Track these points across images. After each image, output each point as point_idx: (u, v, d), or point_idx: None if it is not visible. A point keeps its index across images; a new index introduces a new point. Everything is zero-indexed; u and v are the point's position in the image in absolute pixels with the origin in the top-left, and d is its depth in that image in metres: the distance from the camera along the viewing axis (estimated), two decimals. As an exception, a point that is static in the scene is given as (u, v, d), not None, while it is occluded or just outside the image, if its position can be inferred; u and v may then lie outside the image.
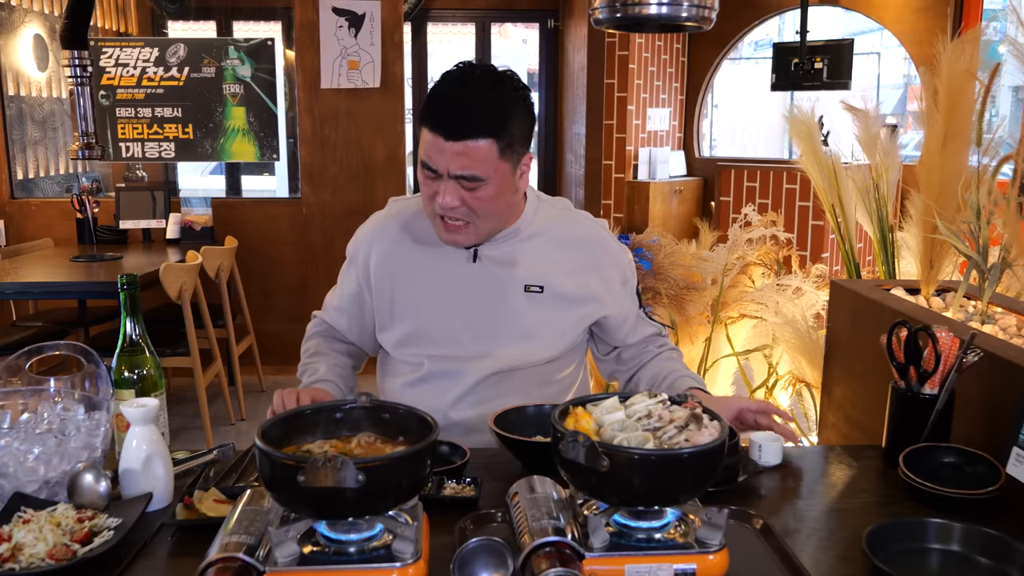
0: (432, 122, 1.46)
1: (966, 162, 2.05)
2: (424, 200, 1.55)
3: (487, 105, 1.45)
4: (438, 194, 1.49)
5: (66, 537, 1.13)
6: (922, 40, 5.62)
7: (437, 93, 1.48)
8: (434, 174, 1.48)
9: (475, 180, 1.47)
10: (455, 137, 1.44)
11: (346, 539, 1.02)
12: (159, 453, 1.29)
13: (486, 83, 1.47)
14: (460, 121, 1.44)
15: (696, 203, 6.86)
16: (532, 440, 1.41)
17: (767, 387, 2.90)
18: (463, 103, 1.45)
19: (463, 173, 1.46)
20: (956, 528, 1.16)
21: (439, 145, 1.45)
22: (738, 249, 2.98)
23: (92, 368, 1.43)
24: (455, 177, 1.47)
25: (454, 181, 1.47)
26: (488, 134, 1.45)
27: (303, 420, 1.14)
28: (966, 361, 1.42)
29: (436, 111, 1.46)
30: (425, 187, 1.52)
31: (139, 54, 4.92)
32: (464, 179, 1.47)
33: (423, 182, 1.53)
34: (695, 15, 2.77)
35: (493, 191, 1.49)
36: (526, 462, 1.42)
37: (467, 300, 1.62)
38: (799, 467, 1.49)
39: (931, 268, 2.09)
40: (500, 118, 1.46)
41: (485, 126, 1.44)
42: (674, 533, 1.07)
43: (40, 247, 4.62)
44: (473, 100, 1.45)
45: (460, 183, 1.47)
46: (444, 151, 1.45)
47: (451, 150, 1.45)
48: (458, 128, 1.44)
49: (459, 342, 1.61)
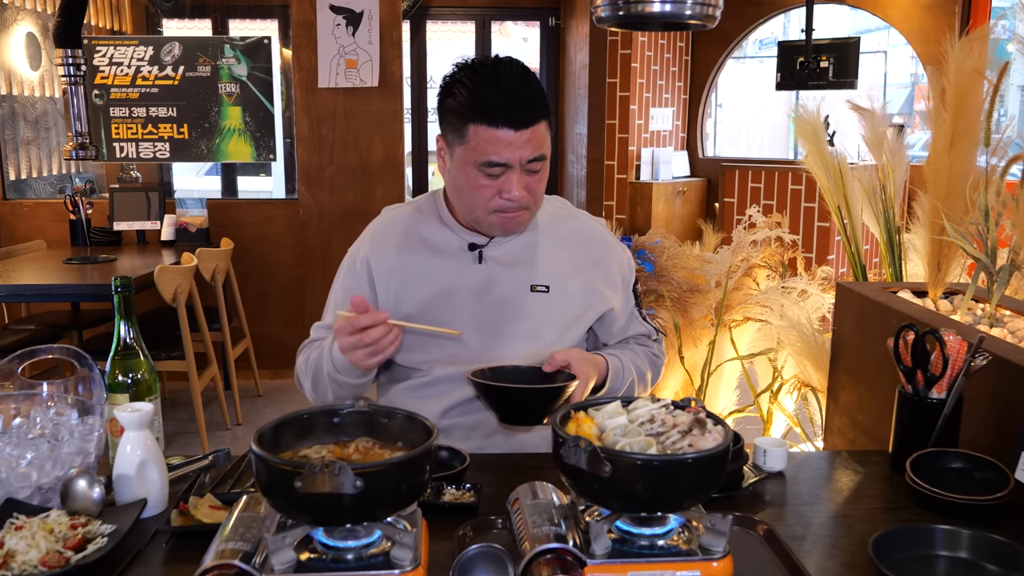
0: (494, 119, 1.46)
1: (974, 162, 2.05)
2: (480, 201, 1.54)
3: (535, 87, 1.51)
4: (502, 190, 1.51)
5: (59, 544, 1.13)
6: (929, 38, 5.62)
7: (482, 87, 1.47)
8: (502, 168, 1.49)
9: (541, 160, 1.51)
10: (525, 125, 1.47)
11: (344, 546, 1.02)
12: (154, 458, 1.29)
13: (519, 68, 1.52)
14: (525, 109, 1.47)
15: (700, 204, 6.86)
16: (510, 386, 1.42)
17: (772, 391, 2.90)
18: (518, 91, 1.48)
19: (536, 156, 1.49)
20: (964, 535, 1.16)
21: (508, 138, 1.47)
22: (742, 251, 2.98)
23: (85, 372, 1.43)
24: (527, 163, 1.49)
25: (521, 170, 1.50)
26: (545, 114, 1.51)
27: (300, 425, 1.14)
28: (974, 365, 1.42)
29: (494, 106, 1.46)
30: (484, 189, 1.52)
31: (133, 53, 4.93)
32: (535, 161, 1.50)
33: (480, 185, 1.51)
34: (699, 13, 2.77)
35: (547, 170, 1.56)
36: (502, 412, 1.44)
37: (474, 303, 1.62)
38: (804, 472, 1.49)
39: (938, 270, 2.09)
40: (544, 97, 1.53)
41: (542, 106, 1.50)
42: (677, 540, 1.07)
43: (33, 249, 4.63)
44: (523, 86, 1.49)
45: (527, 170, 1.50)
46: (515, 142, 1.47)
47: (522, 139, 1.47)
48: (526, 116, 1.47)
49: (466, 345, 1.62)
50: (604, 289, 1.68)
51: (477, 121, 1.46)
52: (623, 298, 1.73)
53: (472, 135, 1.48)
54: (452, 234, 1.65)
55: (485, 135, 1.46)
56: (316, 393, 1.65)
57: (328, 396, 1.62)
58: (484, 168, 1.49)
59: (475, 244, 1.63)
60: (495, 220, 1.56)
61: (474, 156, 1.49)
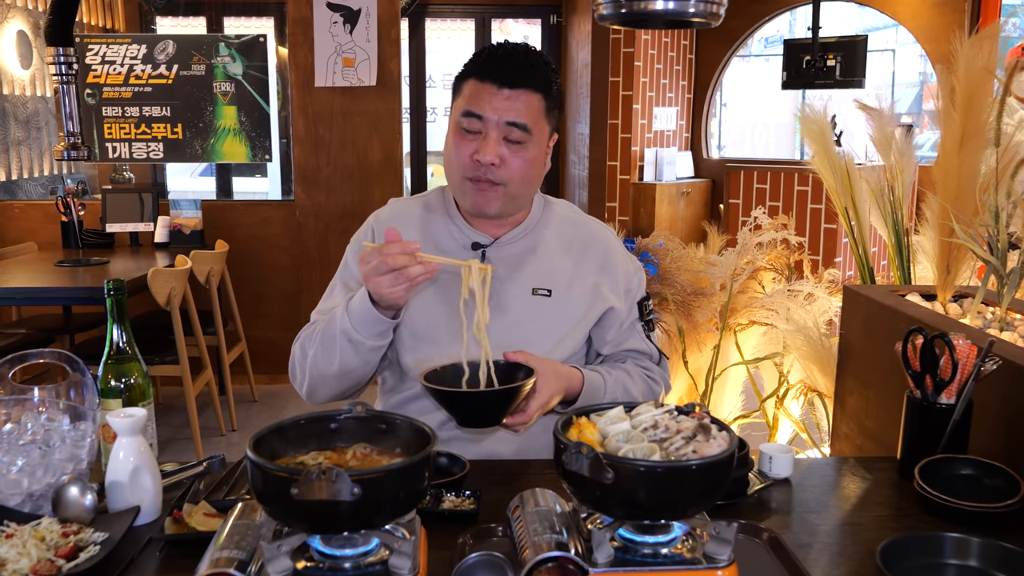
0: (483, 72, 1.53)
1: (984, 163, 2.05)
2: (457, 163, 1.56)
3: (538, 61, 1.55)
4: (477, 152, 1.52)
5: (50, 552, 1.13)
6: (939, 37, 5.63)
7: (485, 51, 1.56)
8: (480, 122, 1.51)
9: (523, 130, 1.52)
10: (510, 84, 1.51)
11: (341, 554, 1.02)
12: (147, 465, 1.29)
13: (525, 45, 1.57)
14: (515, 70, 1.52)
15: (704, 205, 6.87)
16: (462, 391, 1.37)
17: (777, 396, 2.90)
18: (516, 56, 1.54)
19: (515, 120, 1.51)
20: (974, 543, 1.16)
21: (490, 92, 1.51)
22: (747, 253, 2.99)
23: (77, 377, 1.43)
24: (505, 126, 1.51)
25: (498, 134, 1.52)
26: (539, 87, 1.53)
27: (296, 431, 1.14)
28: (984, 369, 1.42)
29: (487, 62, 1.54)
30: (462, 147, 1.54)
31: (126, 51, 4.94)
32: (514, 127, 1.51)
33: (459, 142, 1.55)
34: (703, 11, 2.78)
35: (532, 153, 1.55)
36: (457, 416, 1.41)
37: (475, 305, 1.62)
38: (811, 479, 1.49)
39: (948, 273, 2.09)
40: (547, 76, 1.55)
41: (537, 78, 1.53)
42: (681, 548, 1.07)
43: (24, 251, 4.63)
44: (524, 56, 1.54)
45: (506, 136, 1.52)
46: (496, 97, 1.51)
47: (503, 97, 1.51)
48: (514, 76, 1.51)
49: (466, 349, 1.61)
50: (608, 293, 1.68)
51: (468, 76, 1.55)
52: (626, 307, 1.71)
53: (463, 90, 1.55)
54: (457, 230, 1.65)
55: (471, 88, 1.53)
56: (320, 366, 1.55)
57: (334, 365, 1.52)
58: (463, 119, 1.53)
59: (479, 243, 1.64)
60: (468, 188, 1.57)
61: (458, 109, 1.55)
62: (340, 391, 1.61)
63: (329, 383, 1.58)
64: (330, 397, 1.63)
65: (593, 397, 1.57)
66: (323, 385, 1.59)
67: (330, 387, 1.59)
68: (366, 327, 1.47)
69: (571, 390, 1.54)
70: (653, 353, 1.74)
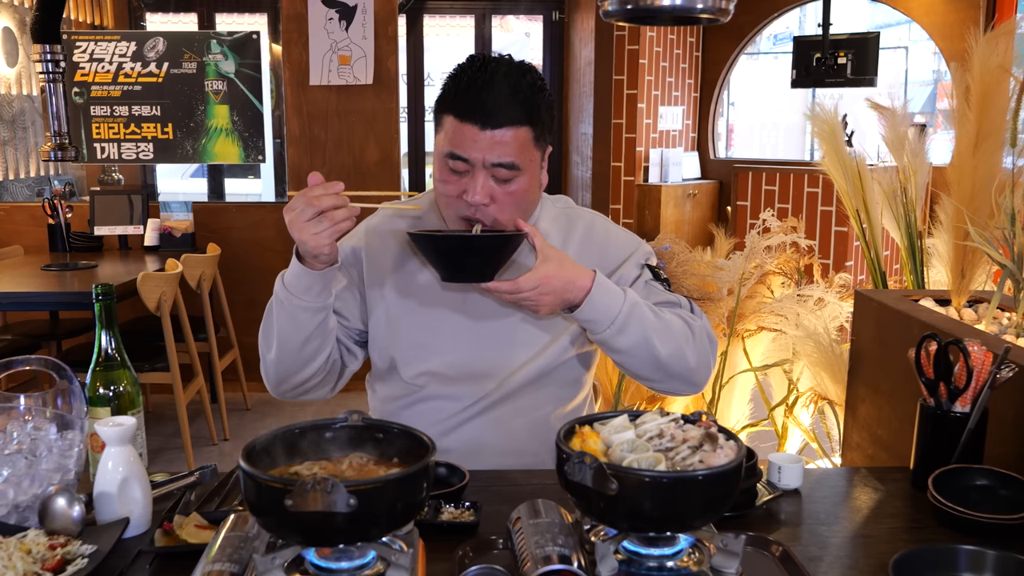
0: (463, 111, 1.46)
1: (1000, 164, 2.06)
2: (446, 199, 1.54)
3: (520, 91, 1.48)
4: (466, 191, 1.49)
5: (37, 565, 1.13)
6: (953, 34, 5.63)
7: (463, 81, 1.48)
8: (466, 164, 1.48)
9: (512, 169, 1.48)
10: (492, 125, 1.45)
11: (336, 567, 1.03)
12: (136, 475, 1.29)
13: (514, 69, 1.49)
14: (497, 108, 1.45)
15: (711, 207, 6.87)
16: (451, 232, 1.39)
17: (787, 405, 2.90)
18: (496, 90, 1.46)
19: (501, 161, 1.47)
20: (989, 555, 1.16)
21: (473, 134, 1.46)
22: (756, 257, 2.99)
23: (65, 384, 1.43)
24: (491, 167, 1.47)
25: (487, 173, 1.48)
26: (524, 120, 1.47)
27: (290, 440, 1.15)
28: (1000, 377, 1.42)
29: (466, 99, 1.46)
30: (450, 185, 1.51)
31: (115, 48, 4.95)
32: (502, 167, 1.47)
33: (446, 179, 1.51)
34: (711, 7, 2.78)
35: (523, 184, 1.52)
36: (443, 264, 1.41)
37: (469, 310, 1.63)
38: (821, 490, 1.49)
39: (962, 277, 2.09)
40: (533, 104, 1.49)
41: (521, 110, 1.47)
42: (688, 561, 1.08)
43: (9, 255, 4.63)
44: (505, 86, 1.46)
45: (494, 176, 1.48)
46: (480, 140, 1.46)
47: (487, 138, 1.46)
48: (496, 114, 1.45)
49: (464, 355, 1.62)
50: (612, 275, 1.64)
51: (448, 111, 1.49)
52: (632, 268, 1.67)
53: (444, 125, 1.50)
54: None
55: (452, 126, 1.48)
56: (264, 345, 1.63)
57: (272, 340, 1.59)
58: (448, 160, 1.50)
59: None
60: (462, 224, 1.55)
61: (442, 147, 1.51)
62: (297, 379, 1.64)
63: (283, 366, 1.61)
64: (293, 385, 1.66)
65: (607, 304, 1.46)
66: (277, 368, 1.62)
67: (285, 368, 1.62)
68: (293, 282, 1.50)
69: (579, 286, 1.44)
70: (682, 301, 1.64)
